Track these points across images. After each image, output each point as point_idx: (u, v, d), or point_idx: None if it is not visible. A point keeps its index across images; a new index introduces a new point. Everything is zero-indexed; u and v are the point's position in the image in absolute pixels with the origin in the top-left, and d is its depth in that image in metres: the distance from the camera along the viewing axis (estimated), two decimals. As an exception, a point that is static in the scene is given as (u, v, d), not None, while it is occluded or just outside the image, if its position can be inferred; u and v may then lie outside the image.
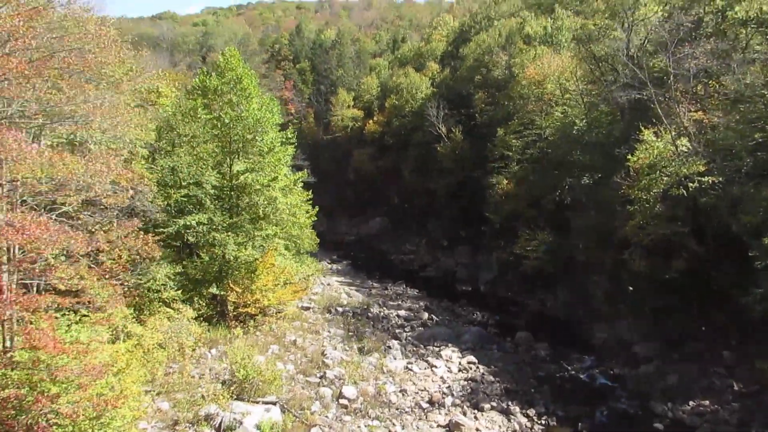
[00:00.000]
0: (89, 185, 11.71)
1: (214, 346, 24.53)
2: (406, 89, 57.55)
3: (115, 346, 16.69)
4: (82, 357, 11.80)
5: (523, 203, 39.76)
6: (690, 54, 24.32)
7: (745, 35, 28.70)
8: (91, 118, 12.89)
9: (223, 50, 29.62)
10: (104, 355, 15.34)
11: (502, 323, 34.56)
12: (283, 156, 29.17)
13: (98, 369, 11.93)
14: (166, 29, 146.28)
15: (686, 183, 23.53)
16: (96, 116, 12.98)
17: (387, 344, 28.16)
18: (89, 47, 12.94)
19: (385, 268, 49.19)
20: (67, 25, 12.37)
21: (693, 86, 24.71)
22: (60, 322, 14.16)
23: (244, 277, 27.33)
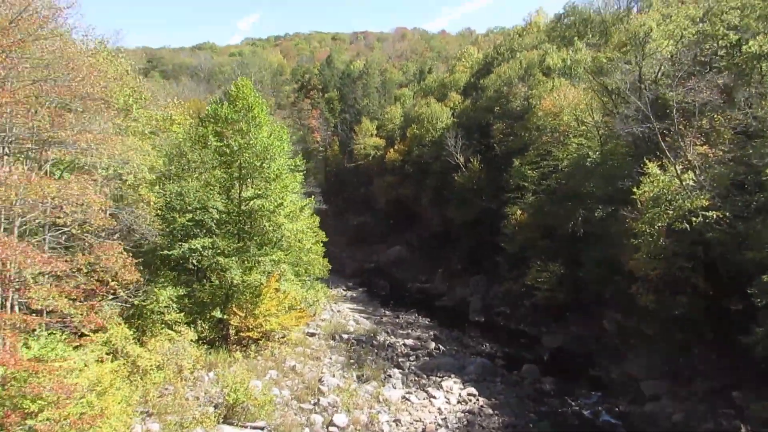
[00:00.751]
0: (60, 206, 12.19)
1: (212, 369, 24.75)
2: (426, 119, 58.07)
3: (103, 365, 17.10)
4: (52, 375, 12.11)
5: (536, 234, 39.52)
6: (695, 88, 24.02)
7: (759, 69, 28.36)
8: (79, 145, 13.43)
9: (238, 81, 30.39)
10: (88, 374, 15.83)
11: (511, 355, 33.99)
12: (291, 183, 29.60)
13: (69, 387, 12.22)
14: (204, 59, 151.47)
15: (689, 217, 23.05)
16: (82, 142, 13.55)
17: (388, 373, 28.02)
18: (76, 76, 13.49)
19: (399, 297, 49.06)
20: (52, 58, 12.96)
21: (698, 120, 24.31)
22: (45, 341, 14.66)
23: (248, 302, 27.71)
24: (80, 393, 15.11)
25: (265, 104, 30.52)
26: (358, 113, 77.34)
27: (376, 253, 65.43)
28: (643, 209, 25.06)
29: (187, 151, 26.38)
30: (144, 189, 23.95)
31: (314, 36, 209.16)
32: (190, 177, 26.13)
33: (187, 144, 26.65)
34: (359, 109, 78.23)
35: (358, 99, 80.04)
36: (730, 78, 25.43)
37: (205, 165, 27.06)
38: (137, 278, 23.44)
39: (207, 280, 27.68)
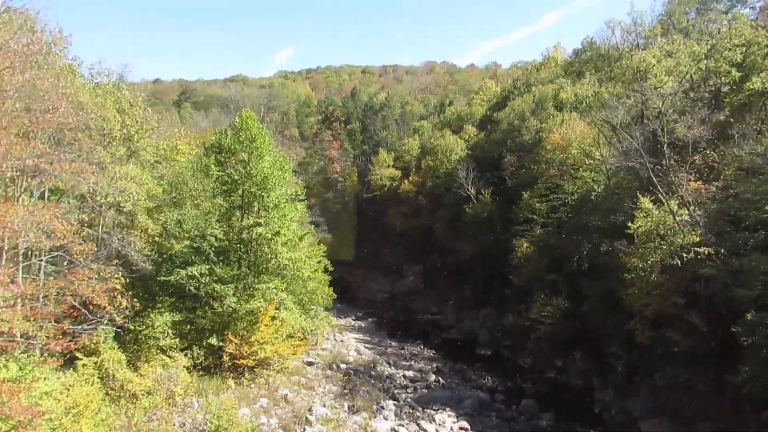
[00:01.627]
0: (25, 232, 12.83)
1: (204, 396, 25.05)
2: (440, 150, 58.53)
3: (81, 389, 17.57)
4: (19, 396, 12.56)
5: (542, 267, 39.17)
6: (687, 124, 23.98)
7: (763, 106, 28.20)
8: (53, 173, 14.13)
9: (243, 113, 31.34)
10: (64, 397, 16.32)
11: (512, 390, 33.53)
12: (290, 212, 30.16)
13: (34, 410, 12.66)
14: (234, 91, 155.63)
15: (681, 253, 22.77)
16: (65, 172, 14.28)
17: (381, 404, 27.92)
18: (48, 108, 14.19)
19: (408, 328, 48.91)
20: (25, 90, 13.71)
21: (691, 156, 24.18)
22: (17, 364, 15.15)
23: (245, 329, 28.10)
24: (54, 415, 15.63)
25: (268, 135, 31.36)
26: (376, 144, 78.38)
27: (390, 283, 65.44)
28: (637, 244, 24.84)
29: (188, 180, 27.22)
30: (143, 216, 24.82)
31: (345, 69, 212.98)
32: (190, 205, 26.89)
33: (188, 172, 27.50)
34: (378, 141, 79.29)
35: (377, 131, 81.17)
36: (726, 114, 25.23)
37: (206, 193, 27.88)
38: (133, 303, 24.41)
39: (207, 307, 28.17)
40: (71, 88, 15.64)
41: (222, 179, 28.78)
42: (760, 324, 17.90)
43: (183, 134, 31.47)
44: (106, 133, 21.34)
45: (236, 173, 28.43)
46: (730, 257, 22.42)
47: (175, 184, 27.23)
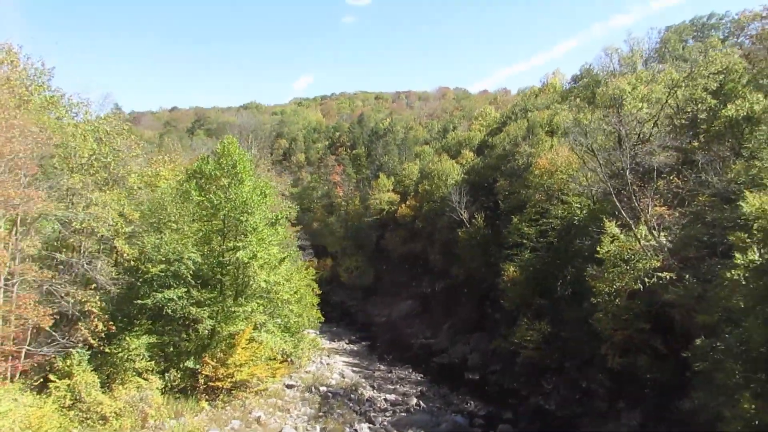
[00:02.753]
0: None
1: (177, 418, 25.48)
2: (437, 175, 59.11)
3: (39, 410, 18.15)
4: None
5: (529, 291, 39.24)
6: (649, 150, 24.33)
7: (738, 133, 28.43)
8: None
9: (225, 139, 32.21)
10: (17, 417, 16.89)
11: (493, 415, 33.41)
12: (269, 236, 30.74)
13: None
14: (246, 118, 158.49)
15: (643, 278, 22.91)
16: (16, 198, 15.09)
17: (354, 427, 28.08)
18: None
19: (400, 352, 48.92)
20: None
21: (655, 182, 24.46)
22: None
23: (222, 352, 28.56)
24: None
25: (249, 161, 32.16)
26: (379, 169, 79.33)
27: (388, 306, 65.58)
28: (603, 268, 25.01)
29: (167, 205, 28.03)
30: (119, 241, 25.64)
31: (358, 95, 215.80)
32: (168, 229, 27.65)
33: (168, 198, 28.33)
34: (380, 166, 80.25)
35: (379, 156, 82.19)
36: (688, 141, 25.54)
37: (185, 218, 28.64)
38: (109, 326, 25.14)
39: (185, 330, 28.72)
40: (20, 118, 16.44)
41: (202, 204, 29.55)
42: (711, 349, 17.91)
43: (167, 160, 32.39)
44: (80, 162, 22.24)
45: (216, 198, 29.18)
46: (692, 284, 22.50)
47: (155, 210, 28.02)
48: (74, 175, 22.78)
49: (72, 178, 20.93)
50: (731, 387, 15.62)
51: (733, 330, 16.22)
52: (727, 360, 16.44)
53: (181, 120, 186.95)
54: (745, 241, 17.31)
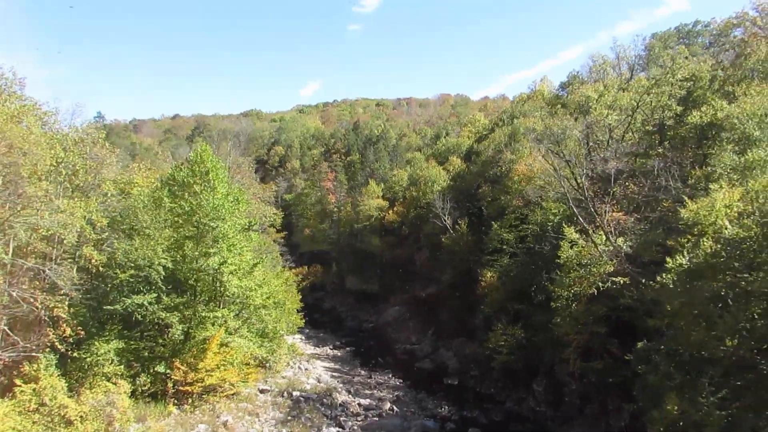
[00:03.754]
0: None
1: (142, 422, 25.87)
2: (423, 181, 59.53)
3: None
4: None
5: (507, 297, 39.50)
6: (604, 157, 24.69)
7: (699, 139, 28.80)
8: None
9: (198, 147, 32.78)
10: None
11: (466, 419, 33.75)
12: (240, 242, 31.19)
13: None
14: (245, 125, 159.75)
15: (597, 283, 23.23)
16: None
17: (323, 431, 28.41)
18: None
19: (384, 357, 49.17)
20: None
21: (612, 188, 24.81)
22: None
23: (194, 357, 28.97)
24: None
25: (222, 168, 32.67)
26: (370, 175, 79.80)
27: (378, 312, 65.87)
28: (561, 273, 25.33)
29: (138, 212, 28.53)
30: (87, 248, 26.13)
31: (360, 102, 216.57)
32: (139, 236, 28.15)
33: (140, 205, 28.84)
34: (371, 172, 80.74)
35: (370, 162, 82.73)
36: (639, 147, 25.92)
37: (157, 224, 29.14)
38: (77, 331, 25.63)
39: (161, 335, 29.16)
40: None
41: (174, 211, 30.08)
42: (654, 351, 18.20)
43: (141, 168, 32.95)
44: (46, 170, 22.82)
45: (188, 204, 29.71)
46: (648, 287, 22.80)
47: (126, 216, 28.54)
48: (41, 183, 23.27)
49: (37, 186, 21.45)
50: (661, 388, 15.91)
51: (667, 332, 16.52)
52: (661, 362, 16.73)
53: (182, 127, 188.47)
54: (684, 246, 17.63)
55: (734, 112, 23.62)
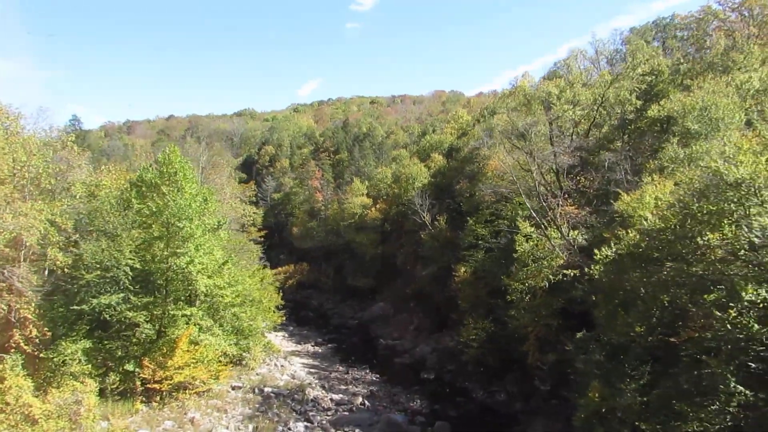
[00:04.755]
0: None
1: (109, 420, 26.34)
2: (404, 179, 59.96)
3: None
4: None
5: (478, 291, 39.96)
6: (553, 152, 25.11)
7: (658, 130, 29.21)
8: None
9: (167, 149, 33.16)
10: None
11: (437, 412, 34.19)
12: (208, 242, 31.60)
13: None
14: (237, 125, 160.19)
15: (549, 276, 23.67)
16: None
17: (289, 426, 28.90)
18: None
19: (365, 353, 49.65)
20: None
21: (564, 181, 25.24)
22: None
23: (163, 355, 29.45)
24: None
25: (190, 169, 33.07)
26: (356, 173, 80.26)
27: (363, 309, 66.37)
28: (517, 267, 25.79)
29: (104, 213, 28.99)
30: (52, 250, 26.59)
31: (354, 100, 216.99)
32: (105, 237, 28.60)
33: (106, 206, 29.29)
34: (357, 170, 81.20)
35: (356, 160, 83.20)
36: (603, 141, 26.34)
37: (125, 225, 29.59)
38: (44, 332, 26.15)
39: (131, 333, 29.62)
40: None
41: (142, 212, 30.51)
42: (591, 341, 18.64)
43: (110, 170, 33.38)
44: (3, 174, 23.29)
45: (155, 205, 30.14)
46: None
47: (92, 218, 28.99)
48: (2, 187, 23.72)
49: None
50: (591, 376, 16.37)
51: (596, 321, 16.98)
52: (594, 351, 17.19)
53: (175, 128, 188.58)
54: (616, 237, 18.07)
55: (674, 107, 24.02)
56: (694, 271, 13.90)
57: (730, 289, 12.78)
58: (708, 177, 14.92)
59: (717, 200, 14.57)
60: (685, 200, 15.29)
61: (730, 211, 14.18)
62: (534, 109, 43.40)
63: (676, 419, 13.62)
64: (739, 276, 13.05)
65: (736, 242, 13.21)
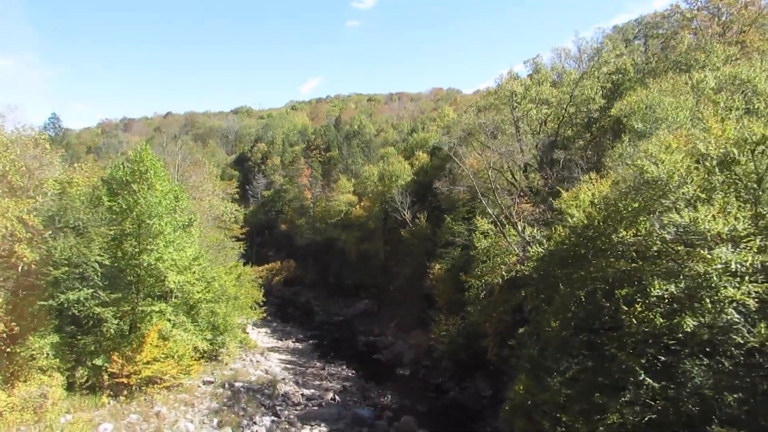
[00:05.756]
0: None
1: (73, 413, 26.83)
2: (388, 177, 60.35)
3: None
4: None
5: (453, 288, 40.35)
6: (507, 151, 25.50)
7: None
8: None
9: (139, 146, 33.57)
10: None
11: (406, 408, 34.61)
12: (178, 239, 32.02)
13: None
14: (232, 122, 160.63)
15: (502, 273, 24.06)
16: None
17: (254, 420, 29.37)
18: None
19: (344, 349, 50.09)
20: None
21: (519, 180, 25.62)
22: None
23: (133, 350, 29.94)
24: None
25: (161, 167, 33.47)
26: (343, 171, 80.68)
27: (348, 306, 66.87)
28: (474, 264, 26.19)
29: (75, 210, 29.44)
30: (20, 246, 27.02)
31: (352, 98, 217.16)
32: (74, 233, 29.06)
33: (77, 203, 29.74)
34: (345, 168, 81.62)
35: (344, 158, 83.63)
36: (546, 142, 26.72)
37: (93, 222, 30.05)
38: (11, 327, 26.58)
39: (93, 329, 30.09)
40: None
41: (113, 209, 30.96)
42: (530, 337, 19.04)
43: (82, 168, 33.79)
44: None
45: (125, 203, 30.59)
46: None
47: (61, 215, 29.44)
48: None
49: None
50: (521, 371, 16.79)
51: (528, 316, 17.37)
52: (529, 346, 17.61)
53: (171, 125, 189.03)
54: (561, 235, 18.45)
55: (621, 106, 24.39)
56: (610, 268, 14.29)
57: (640, 286, 13.18)
58: (633, 175, 15.30)
59: (635, 198, 14.96)
60: (610, 198, 15.68)
61: (647, 209, 14.57)
62: (501, 107, 43.96)
63: (595, 412, 14.05)
64: (648, 272, 13.44)
65: (649, 239, 13.61)
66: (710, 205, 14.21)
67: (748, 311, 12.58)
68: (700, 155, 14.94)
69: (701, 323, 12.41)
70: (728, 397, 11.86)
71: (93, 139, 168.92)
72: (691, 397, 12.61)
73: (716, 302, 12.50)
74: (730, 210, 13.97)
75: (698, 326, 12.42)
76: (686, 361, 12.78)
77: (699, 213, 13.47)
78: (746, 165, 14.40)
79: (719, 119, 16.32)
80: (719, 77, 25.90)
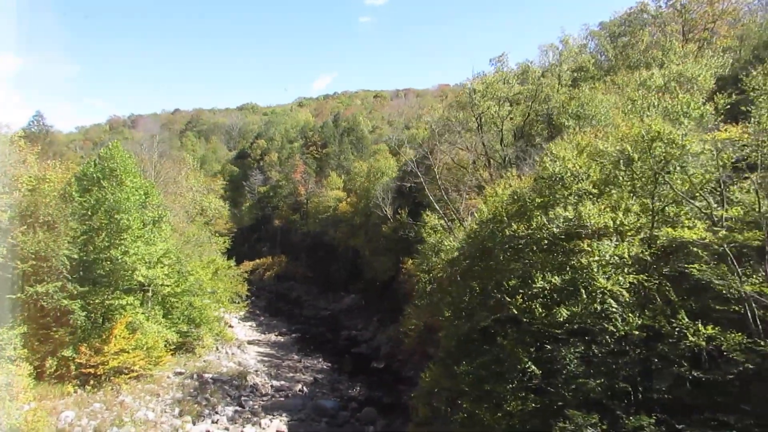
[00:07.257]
0: None
1: (39, 401, 27.84)
2: (373, 172, 60.99)
3: None
4: None
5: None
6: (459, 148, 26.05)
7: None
8: None
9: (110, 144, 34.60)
10: None
11: (372, 399, 35.42)
12: (146, 234, 32.98)
13: None
14: (235, 119, 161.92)
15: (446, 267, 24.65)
16: None
17: (217, 410, 30.27)
18: None
19: (325, 343, 50.96)
20: None
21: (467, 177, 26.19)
22: None
23: (102, 341, 30.96)
24: None
25: (132, 164, 34.45)
26: (335, 167, 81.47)
27: (336, 300, 67.73)
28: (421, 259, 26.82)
29: (43, 206, 30.47)
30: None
31: (359, 94, 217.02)
32: (42, 228, 30.09)
33: (46, 199, 30.77)
34: (338, 164, 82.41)
35: (336, 154, 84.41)
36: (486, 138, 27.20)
37: (63, 217, 31.07)
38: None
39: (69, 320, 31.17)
40: None
41: (84, 205, 31.99)
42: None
43: (55, 165, 34.81)
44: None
45: (94, 199, 31.62)
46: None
47: (32, 210, 30.48)
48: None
49: None
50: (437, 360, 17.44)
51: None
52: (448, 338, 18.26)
53: (178, 122, 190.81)
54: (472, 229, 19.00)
55: (551, 104, 24.85)
56: (511, 261, 14.89)
57: (526, 277, 13.77)
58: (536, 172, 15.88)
59: (540, 194, 15.55)
60: (519, 193, 16.27)
61: (546, 205, 15.16)
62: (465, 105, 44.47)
63: (486, 400, 14.71)
64: (538, 265, 14.04)
65: (538, 232, 14.19)
66: (601, 200, 14.75)
67: (625, 301, 13.18)
68: (598, 153, 15.49)
69: (574, 312, 13.00)
70: (591, 383, 12.46)
71: (100, 136, 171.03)
72: (565, 384, 13.22)
73: (590, 293, 13.08)
74: (622, 205, 14.53)
75: (571, 315, 13.02)
76: (563, 349, 13.38)
77: (584, 208, 14.02)
78: (644, 161, 14.96)
79: (636, 117, 16.87)
80: (665, 74, 26.26)
